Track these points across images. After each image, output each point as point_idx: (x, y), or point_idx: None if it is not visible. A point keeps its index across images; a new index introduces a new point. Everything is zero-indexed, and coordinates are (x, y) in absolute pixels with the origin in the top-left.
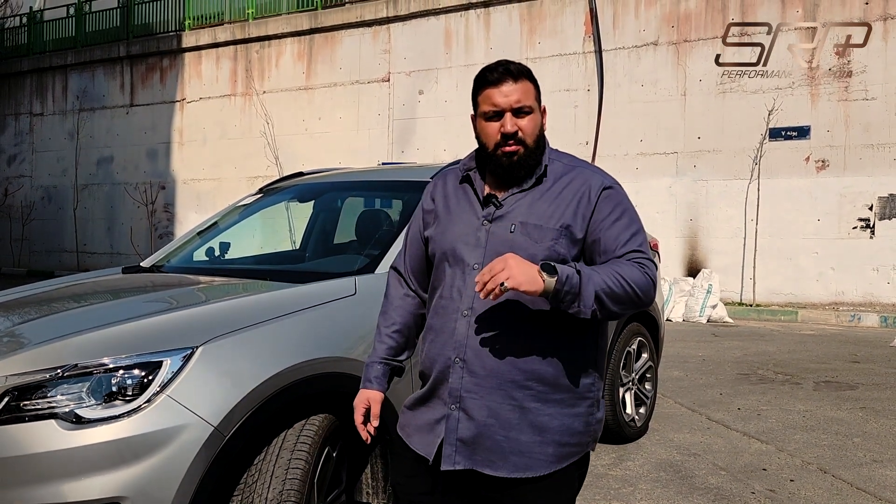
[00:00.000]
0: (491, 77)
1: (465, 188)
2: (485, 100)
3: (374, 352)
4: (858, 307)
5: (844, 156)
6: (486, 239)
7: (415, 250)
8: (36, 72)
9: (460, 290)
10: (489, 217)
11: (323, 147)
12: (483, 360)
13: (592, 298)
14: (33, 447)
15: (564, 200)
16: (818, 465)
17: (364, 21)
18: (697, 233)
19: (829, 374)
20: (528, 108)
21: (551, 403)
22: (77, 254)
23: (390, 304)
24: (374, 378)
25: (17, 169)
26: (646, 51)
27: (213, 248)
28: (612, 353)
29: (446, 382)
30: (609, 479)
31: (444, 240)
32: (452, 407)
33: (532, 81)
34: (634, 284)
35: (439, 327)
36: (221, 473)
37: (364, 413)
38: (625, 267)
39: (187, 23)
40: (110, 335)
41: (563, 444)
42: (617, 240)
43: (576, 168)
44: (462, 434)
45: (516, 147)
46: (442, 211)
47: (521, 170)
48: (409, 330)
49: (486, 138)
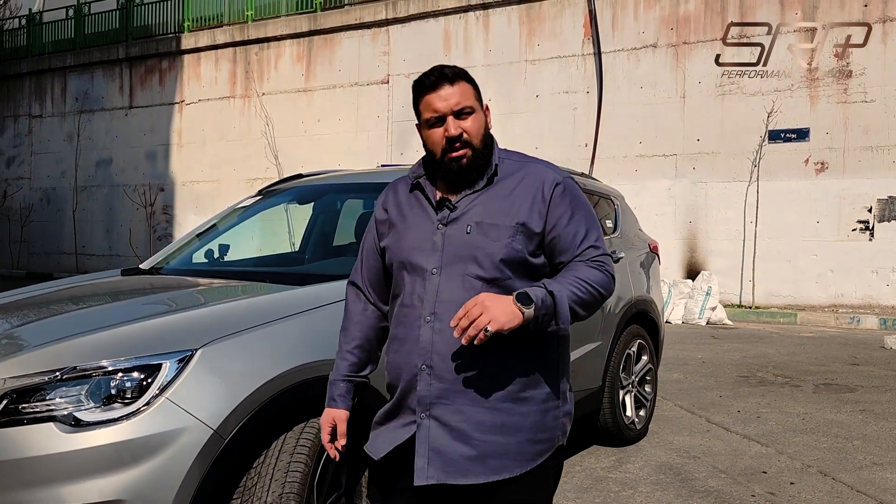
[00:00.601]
0: (427, 83)
1: (416, 195)
2: (425, 107)
3: (336, 369)
4: (858, 309)
5: (844, 158)
6: (443, 242)
7: (371, 262)
8: (35, 73)
9: (421, 297)
10: (444, 220)
11: (322, 149)
12: (450, 365)
13: (568, 314)
14: (32, 450)
15: (519, 197)
16: (818, 468)
17: (363, 23)
18: (697, 235)
19: (829, 376)
20: (469, 109)
21: (521, 402)
22: (76, 256)
23: (350, 320)
24: (337, 396)
25: (16, 171)
26: (645, 53)
27: (213, 250)
28: (611, 356)
29: (414, 391)
30: (609, 481)
31: (400, 248)
32: (423, 416)
33: (469, 82)
34: (598, 286)
35: (403, 336)
36: (220, 476)
37: (330, 432)
38: (586, 270)
39: (186, 25)
40: (109, 338)
41: (536, 441)
42: (575, 237)
43: (527, 164)
44: (435, 443)
45: (464, 150)
46: (396, 219)
47: (472, 172)
48: (370, 344)
49: (433, 145)
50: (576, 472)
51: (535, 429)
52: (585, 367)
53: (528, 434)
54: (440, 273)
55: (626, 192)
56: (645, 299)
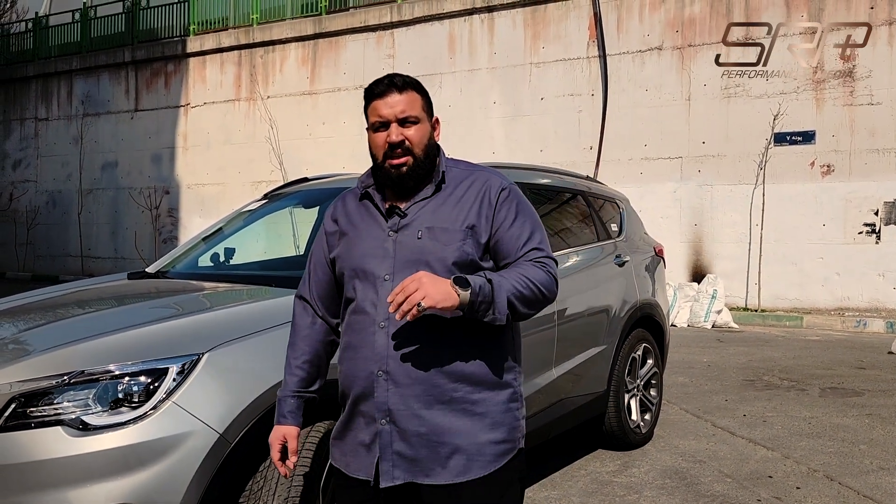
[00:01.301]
0: (377, 90)
1: (365, 205)
2: (372, 112)
3: (284, 385)
4: (864, 313)
5: (850, 161)
6: (394, 249)
7: (320, 275)
8: (41, 77)
9: (374, 303)
10: (395, 227)
11: (327, 152)
12: (407, 370)
13: (506, 305)
14: (40, 454)
15: (467, 202)
16: (824, 473)
17: (368, 26)
18: (702, 238)
19: (835, 380)
20: (413, 118)
21: (479, 403)
22: (81, 258)
23: (297, 335)
24: (288, 413)
25: (23, 174)
26: (650, 55)
27: (219, 254)
28: (616, 360)
29: (371, 398)
30: (614, 486)
31: (351, 256)
32: (383, 422)
33: (420, 93)
34: (541, 285)
35: (357, 343)
36: (227, 480)
37: (280, 449)
38: (529, 269)
39: (192, 28)
40: (116, 342)
41: (497, 442)
42: (518, 239)
43: (475, 172)
44: (397, 448)
45: (405, 158)
46: (346, 228)
47: (410, 180)
48: (319, 359)
49: (376, 149)
50: (581, 476)
51: (494, 430)
52: (590, 371)
53: (487, 434)
54: (393, 279)
55: (631, 194)
56: (650, 303)
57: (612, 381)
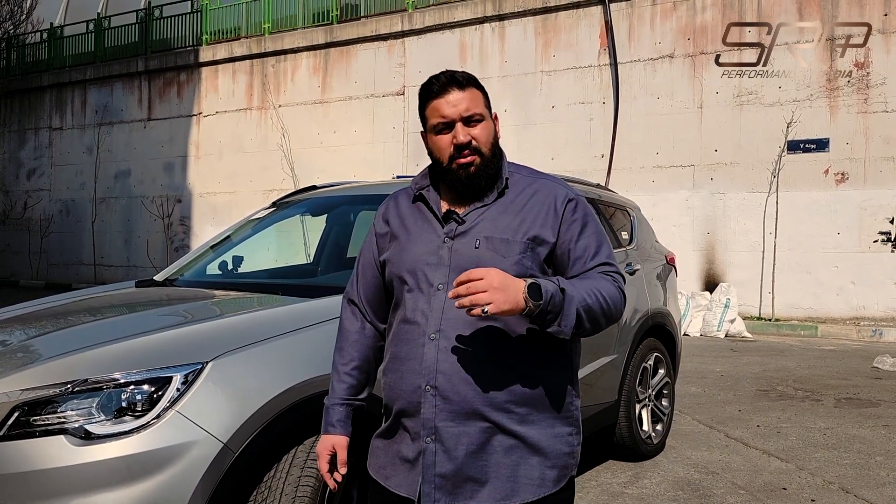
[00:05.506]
0: (435, 87)
1: (419, 207)
2: (432, 112)
3: (332, 392)
4: (880, 322)
5: (864, 168)
6: (450, 257)
7: (369, 278)
8: (56, 86)
9: (425, 313)
10: (451, 234)
11: (338, 160)
12: (457, 386)
13: (574, 317)
14: (43, 463)
15: (531, 212)
16: (840, 485)
17: (379, 35)
18: (715, 246)
19: (851, 390)
20: (478, 116)
21: (532, 425)
22: (94, 266)
23: (346, 340)
24: (336, 422)
25: (37, 182)
26: (661, 63)
27: (227, 262)
28: (627, 369)
29: (418, 414)
30: (625, 497)
31: (403, 261)
32: (428, 440)
33: (479, 88)
34: (610, 300)
35: (404, 355)
36: (231, 490)
37: (329, 460)
38: (600, 281)
39: (205, 38)
40: (121, 350)
41: (548, 468)
42: (586, 251)
43: (539, 180)
44: (441, 469)
45: (472, 157)
46: (399, 232)
47: (481, 180)
48: (368, 365)
49: (439, 152)
50: (591, 487)
51: (547, 454)
52: (601, 381)
53: (538, 458)
54: (446, 289)
55: (642, 203)
56: (662, 312)
57: (623, 391)
